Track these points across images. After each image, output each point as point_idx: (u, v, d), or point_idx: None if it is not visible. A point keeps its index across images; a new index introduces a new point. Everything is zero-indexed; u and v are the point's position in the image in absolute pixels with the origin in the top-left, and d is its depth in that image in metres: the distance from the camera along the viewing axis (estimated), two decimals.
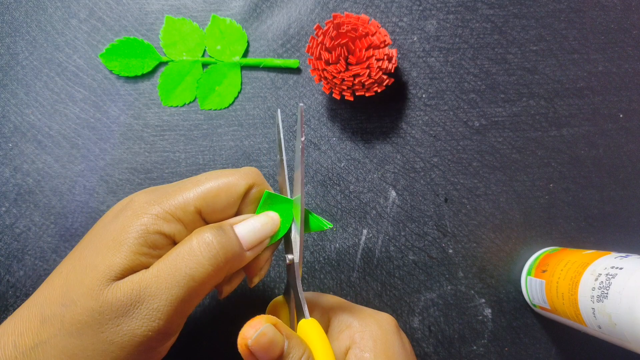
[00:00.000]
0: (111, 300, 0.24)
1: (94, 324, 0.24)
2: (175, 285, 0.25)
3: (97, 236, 0.27)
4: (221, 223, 0.27)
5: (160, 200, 0.27)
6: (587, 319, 0.31)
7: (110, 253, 0.25)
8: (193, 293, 0.25)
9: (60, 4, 0.43)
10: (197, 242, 0.26)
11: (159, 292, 0.25)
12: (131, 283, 0.25)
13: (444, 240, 0.41)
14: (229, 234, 0.27)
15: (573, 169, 0.41)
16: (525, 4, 0.43)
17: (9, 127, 0.42)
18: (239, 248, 0.27)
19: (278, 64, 0.42)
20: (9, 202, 0.41)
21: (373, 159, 0.42)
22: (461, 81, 0.42)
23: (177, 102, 0.42)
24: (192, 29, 0.42)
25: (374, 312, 0.31)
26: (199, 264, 0.25)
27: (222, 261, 0.26)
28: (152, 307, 0.24)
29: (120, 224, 0.26)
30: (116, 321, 0.24)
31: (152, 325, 0.25)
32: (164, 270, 0.25)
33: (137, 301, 0.24)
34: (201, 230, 0.26)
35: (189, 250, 0.26)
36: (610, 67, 0.42)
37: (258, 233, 0.28)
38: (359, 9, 0.43)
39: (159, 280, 0.25)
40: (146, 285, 0.25)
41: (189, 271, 0.25)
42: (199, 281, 0.25)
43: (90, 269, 0.25)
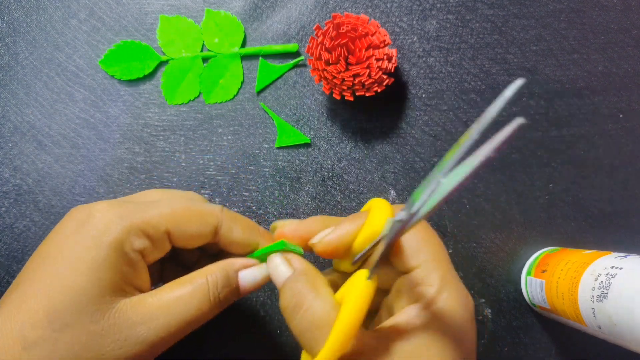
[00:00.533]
0: (116, 322, 0.25)
1: (94, 346, 0.25)
2: (183, 321, 0.26)
3: (66, 251, 0.26)
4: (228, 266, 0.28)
5: (130, 215, 0.27)
6: (587, 319, 0.31)
7: (94, 274, 0.25)
8: (191, 325, 0.27)
9: (60, 4, 0.43)
10: (209, 285, 0.27)
11: (162, 321, 0.26)
12: (140, 305, 0.26)
13: (443, 240, 0.41)
14: (232, 282, 0.28)
15: (573, 169, 0.41)
16: (525, 4, 0.43)
17: (9, 127, 0.42)
18: (236, 296, 0.28)
19: (277, 50, 0.42)
20: (9, 202, 0.41)
21: (373, 159, 0.42)
22: (461, 81, 0.42)
23: (182, 99, 0.42)
24: (188, 25, 0.43)
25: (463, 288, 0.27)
26: (207, 307, 0.27)
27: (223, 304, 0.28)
28: (157, 335, 0.26)
29: (90, 241, 0.26)
30: (119, 344, 0.25)
31: (153, 350, 0.26)
32: (173, 304, 0.26)
33: (145, 328, 0.25)
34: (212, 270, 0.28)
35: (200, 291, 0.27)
36: (610, 67, 0.42)
37: (258, 283, 0.29)
38: (359, 9, 0.43)
39: (165, 311, 0.26)
40: (156, 314, 0.26)
41: (198, 313, 0.27)
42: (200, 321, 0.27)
43: (80, 291, 0.25)
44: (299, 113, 0.42)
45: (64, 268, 0.25)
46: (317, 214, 0.41)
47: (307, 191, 0.41)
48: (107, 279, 0.25)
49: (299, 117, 0.42)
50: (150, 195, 0.30)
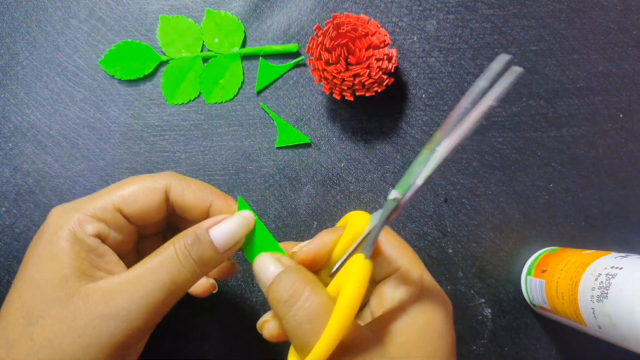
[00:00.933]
0: (84, 304, 0.25)
1: (69, 330, 0.25)
2: (155, 289, 0.26)
3: (32, 255, 0.27)
4: (196, 227, 0.28)
5: (78, 207, 0.28)
6: (587, 319, 0.31)
7: (55, 265, 0.26)
8: (172, 295, 0.26)
9: (60, 4, 0.43)
10: (174, 249, 0.27)
11: (137, 295, 0.25)
12: (106, 285, 0.26)
13: (443, 240, 0.41)
14: (205, 240, 0.27)
15: (573, 169, 0.41)
16: (525, 4, 0.43)
17: (9, 127, 0.42)
18: (215, 253, 0.27)
19: (277, 50, 0.42)
20: (9, 202, 0.41)
21: (373, 159, 0.42)
22: (461, 81, 0.42)
23: (182, 99, 0.42)
24: (188, 26, 0.43)
25: (438, 292, 0.28)
26: (179, 270, 0.26)
27: (199, 266, 0.27)
28: (130, 309, 0.25)
29: (48, 238, 0.27)
30: (92, 323, 0.25)
31: (131, 324, 0.25)
32: (143, 276, 0.26)
33: (114, 304, 0.25)
34: (178, 237, 0.27)
35: (168, 257, 0.26)
36: (610, 67, 0.42)
37: (233, 236, 0.28)
38: (359, 9, 0.43)
39: (137, 285, 0.26)
40: (122, 289, 0.25)
41: (169, 276, 0.26)
42: (178, 285, 0.26)
43: (45, 284, 0.26)
44: (299, 113, 0.42)
45: (30, 269, 0.26)
46: (317, 214, 0.41)
47: (307, 191, 0.41)
48: (67, 266, 0.26)
49: (299, 117, 0.42)
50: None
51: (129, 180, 0.29)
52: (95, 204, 0.28)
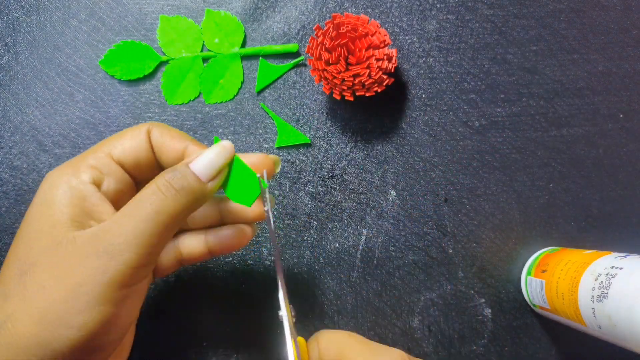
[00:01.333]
0: (73, 248, 0.25)
1: (59, 274, 0.25)
2: (142, 222, 0.26)
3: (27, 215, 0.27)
4: (176, 165, 0.28)
5: (71, 163, 0.29)
6: (587, 319, 0.31)
7: (48, 215, 0.26)
8: (160, 226, 0.26)
9: (60, 4, 0.43)
10: (156, 183, 0.27)
11: (123, 228, 0.25)
12: (92, 229, 0.26)
13: (444, 240, 0.41)
14: (184, 171, 0.28)
15: (573, 169, 0.41)
16: (525, 4, 0.43)
17: (9, 127, 0.42)
18: (198, 183, 0.28)
19: (277, 50, 0.42)
20: (9, 202, 0.41)
21: (373, 159, 0.42)
22: (461, 81, 0.42)
23: (182, 99, 0.42)
24: (188, 25, 0.43)
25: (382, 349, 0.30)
26: (161, 200, 0.26)
27: (184, 197, 0.27)
28: (117, 242, 0.25)
29: (41, 193, 0.27)
30: (81, 263, 0.25)
31: (122, 258, 0.25)
32: (126, 211, 0.26)
33: (99, 240, 0.25)
34: (159, 175, 0.28)
35: (150, 191, 0.27)
36: (610, 67, 0.42)
37: (213, 163, 0.28)
38: (359, 9, 0.43)
39: (122, 219, 0.26)
40: (108, 227, 0.26)
41: (153, 207, 0.26)
42: (164, 214, 0.26)
43: (36, 233, 0.26)
44: (299, 113, 0.42)
45: (25, 224, 0.27)
46: (317, 214, 0.41)
47: (307, 191, 0.41)
48: (58, 214, 0.26)
49: (299, 117, 0.42)
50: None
51: (115, 134, 0.31)
52: (87, 155, 0.29)
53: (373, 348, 0.30)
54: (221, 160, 0.29)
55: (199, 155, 0.28)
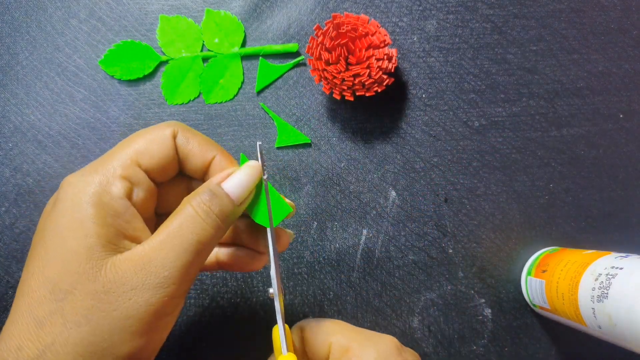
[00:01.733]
0: (114, 277, 0.24)
1: (102, 305, 0.24)
2: (184, 252, 0.25)
3: (51, 230, 0.25)
4: (208, 184, 0.28)
5: (96, 170, 0.27)
6: (587, 319, 0.31)
7: (80, 234, 0.25)
8: (200, 256, 0.26)
9: (60, 4, 0.43)
10: (194, 208, 0.26)
11: (167, 261, 0.25)
12: (133, 256, 0.25)
13: (444, 240, 0.41)
14: (220, 194, 0.27)
15: (573, 169, 0.41)
16: (525, 4, 0.43)
17: (9, 127, 0.42)
18: (232, 205, 0.27)
19: (277, 50, 0.42)
20: (9, 202, 0.41)
21: (373, 159, 0.42)
22: (461, 81, 0.42)
23: (182, 99, 0.42)
24: (188, 25, 0.43)
25: (373, 335, 0.31)
26: (203, 229, 0.26)
27: (221, 221, 0.27)
28: (163, 275, 0.25)
29: (69, 207, 0.25)
30: (127, 295, 0.24)
31: (166, 291, 0.25)
32: (169, 241, 0.25)
33: (145, 273, 0.24)
34: (193, 196, 0.27)
35: (189, 217, 0.26)
36: (610, 67, 0.42)
37: (245, 186, 0.28)
38: (359, 9, 0.43)
39: (165, 250, 0.25)
40: (151, 257, 0.25)
41: (195, 237, 0.25)
42: (204, 244, 0.26)
43: (70, 255, 0.24)
44: (299, 113, 0.42)
45: (52, 241, 0.25)
46: (317, 214, 0.41)
47: (307, 191, 0.41)
48: (93, 235, 0.25)
49: (299, 117, 0.42)
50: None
51: (137, 135, 0.29)
52: (113, 163, 0.27)
53: (365, 334, 0.30)
54: (251, 180, 0.28)
55: (231, 175, 0.28)
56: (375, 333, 0.31)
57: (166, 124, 0.29)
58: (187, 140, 0.29)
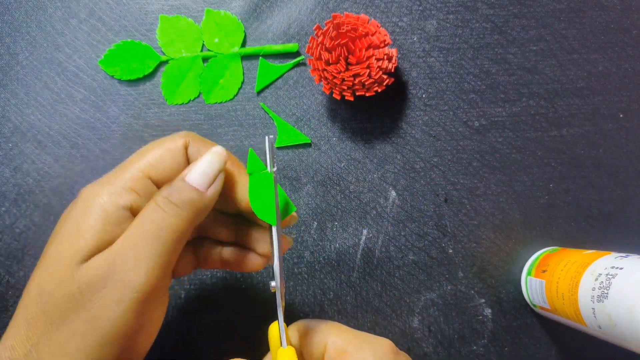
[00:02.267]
0: (85, 277, 0.25)
1: (77, 306, 0.25)
2: (146, 244, 0.25)
3: (56, 232, 0.27)
4: (173, 180, 0.28)
5: (109, 181, 0.28)
6: (587, 319, 0.31)
7: (74, 239, 0.26)
8: (166, 244, 0.26)
9: (60, 4, 0.43)
10: (155, 201, 0.27)
11: (131, 253, 0.25)
12: (101, 256, 0.25)
13: (444, 240, 0.41)
14: (181, 185, 0.27)
15: (573, 169, 0.41)
16: (525, 4, 0.43)
17: (9, 127, 0.42)
18: (196, 193, 0.27)
19: (277, 50, 0.42)
20: (9, 202, 0.41)
21: (373, 159, 0.42)
22: (461, 81, 0.42)
23: (182, 99, 0.42)
24: (188, 25, 0.43)
25: (370, 338, 0.31)
26: (163, 218, 0.26)
27: (185, 210, 0.27)
28: (129, 268, 0.25)
29: (77, 212, 0.27)
30: (98, 295, 0.25)
31: (136, 284, 0.25)
32: (130, 234, 0.26)
33: (112, 270, 0.25)
34: (157, 192, 0.27)
35: (150, 210, 0.26)
36: (610, 67, 0.42)
37: (208, 171, 0.28)
38: (359, 9, 0.43)
39: (128, 243, 0.25)
40: (116, 252, 0.25)
41: (155, 226, 0.26)
42: (168, 233, 0.26)
43: (57, 258, 0.26)
44: (299, 113, 0.42)
45: (53, 245, 0.26)
46: (317, 214, 0.41)
47: (307, 191, 0.41)
48: (87, 239, 0.26)
49: (299, 117, 0.42)
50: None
51: (150, 146, 0.29)
52: (125, 175, 0.28)
53: (362, 336, 0.30)
54: (215, 166, 0.28)
55: (193, 165, 0.28)
56: (372, 336, 0.31)
57: (179, 135, 0.30)
58: (198, 152, 0.29)
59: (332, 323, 0.31)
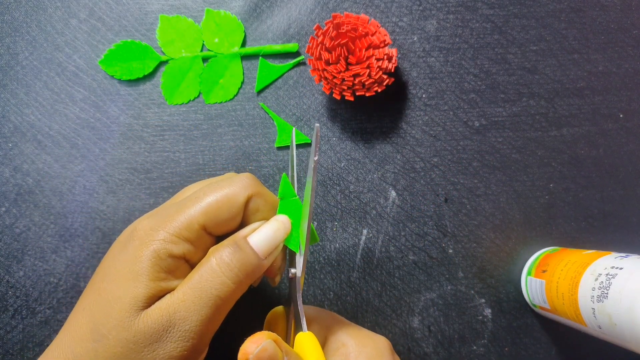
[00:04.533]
0: (143, 328, 0.25)
1: (129, 354, 0.25)
2: (204, 307, 0.26)
3: (111, 268, 0.27)
4: (234, 237, 0.28)
5: (164, 225, 0.27)
6: (587, 319, 0.31)
7: (131, 284, 0.26)
8: (220, 310, 0.26)
9: (60, 4, 0.43)
10: (216, 262, 0.27)
11: (188, 314, 0.25)
12: (160, 310, 0.26)
13: (444, 240, 0.41)
14: (245, 248, 0.27)
15: (573, 169, 0.41)
16: (525, 4, 0.43)
17: (9, 127, 0.42)
18: (257, 260, 0.28)
19: (277, 50, 0.42)
20: (9, 202, 0.41)
21: (373, 159, 0.42)
22: (461, 81, 0.42)
23: (182, 99, 0.42)
24: (188, 25, 0.43)
25: (371, 334, 0.31)
26: (222, 283, 0.26)
27: (243, 276, 0.27)
28: (184, 329, 0.25)
29: (131, 254, 0.27)
30: (152, 347, 0.25)
31: (186, 345, 0.25)
32: (190, 293, 0.26)
33: (168, 326, 0.25)
34: (217, 249, 0.27)
35: (210, 271, 0.26)
36: (610, 67, 0.42)
37: (272, 241, 0.28)
38: (359, 9, 0.43)
39: (187, 304, 0.26)
40: (175, 310, 0.26)
41: (214, 292, 0.26)
42: (224, 299, 0.26)
43: (115, 301, 0.26)
44: (299, 113, 0.42)
45: (107, 283, 0.27)
46: (317, 214, 0.41)
47: None
48: (142, 287, 0.26)
49: (299, 117, 0.42)
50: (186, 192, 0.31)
51: (209, 189, 0.29)
52: (180, 221, 0.27)
53: (362, 332, 0.31)
54: (280, 237, 0.28)
55: (258, 228, 0.28)
56: (371, 332, 0.31)
57: (242, 184, 0.29)
58: (256, 210, 0.29)
59: (333, 314, 0.32)
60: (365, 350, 0.29)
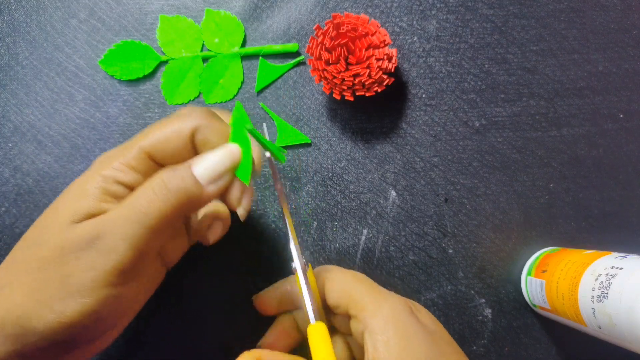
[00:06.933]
0: (72, 236, 0.26)
1: (55, 258, 0.26)
2: (133, 223, 0.26)
3: (64, 192, 0.29)
4: (178, 165, 0.28)
5: (116, 156, 0.28)
6: (587, 319, 0.31)
7: (74, 200, 0.27)
8: (150, 231, 0.26)
9: (60, 4, 0.43)
10: (152, 184, 0.27)
11: (115, 229, 0.26)
12: (91, 222, 0.26)
13: (444, 240, 0.41)
14: (182, 172, 0.27)
15: (573, 169, 0.41)
16: (525, 4, 0.43)
17: (9, 127, 0.42)
18: (194, 184, 0.27)
19: (277, 50, 0.42)
20: (9, 202, 0.41)
21: (373, 159, 0.42)
22: (461, 81, 0.42)
23: (182, 99, 0.42)
24: (188, 25, 0.43)
25: (389, 295, 0.31)
26: (152, 202, 0.26)
27: (177, 200, 0.27)
28: (109, 243, 0.26)
29: (83, 179, 0.28)
30: (76, 254, 0.26)
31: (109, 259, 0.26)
32: (121, 210, 0.26)
33: (95, 237, 0.26)
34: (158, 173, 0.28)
35: (144, 191, 0.27)
36: (610, 67, 0.42)
37: (215, 167, 0.28)
38: (359, 9, 0.43)
39: (115, 219, 0.26)
40: (104, 223, 0.26)
41: (142, 209, 0.26)
42: (154, 218, 0.26)
43: (56, 214, 0.27)
44: (299, 113, 0.42)
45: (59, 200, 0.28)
46: (317, 214, 0.41)
47: (307, 191, 0.41)
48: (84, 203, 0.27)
49: (299, 117, 0.42)
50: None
51: (159, 124, 0.29)
52: (130, 152, 0.28)
53: (379, 290, 0.31)
54: (225, 164, 0.28)
55: (203, 157, 0.28)
56: (389, 292, 0.31)
57: (189, 114, 0.29)
58: (206, 141, 0.29)
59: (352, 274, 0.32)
60: (382, 312, 0.29)
